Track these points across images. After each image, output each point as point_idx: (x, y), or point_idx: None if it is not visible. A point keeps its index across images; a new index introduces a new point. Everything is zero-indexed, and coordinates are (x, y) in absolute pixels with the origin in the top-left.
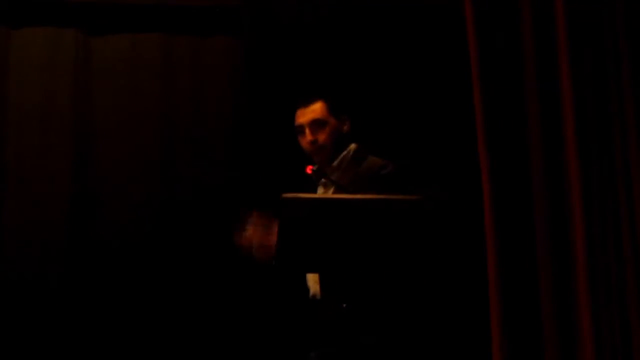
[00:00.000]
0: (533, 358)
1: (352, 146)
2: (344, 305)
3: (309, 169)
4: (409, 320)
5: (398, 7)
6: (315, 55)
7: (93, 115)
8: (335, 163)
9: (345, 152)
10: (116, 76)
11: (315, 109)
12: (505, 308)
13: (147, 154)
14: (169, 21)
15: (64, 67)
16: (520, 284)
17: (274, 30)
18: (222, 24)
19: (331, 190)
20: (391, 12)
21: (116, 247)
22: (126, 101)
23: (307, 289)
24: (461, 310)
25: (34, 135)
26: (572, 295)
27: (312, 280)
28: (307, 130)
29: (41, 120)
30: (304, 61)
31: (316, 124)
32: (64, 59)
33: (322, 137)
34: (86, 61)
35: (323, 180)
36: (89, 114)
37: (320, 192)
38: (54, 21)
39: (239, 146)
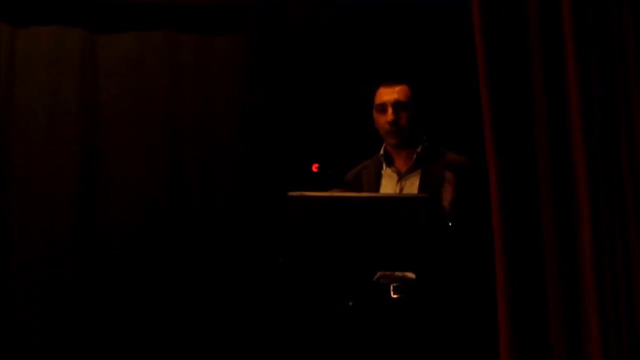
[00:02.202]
0: (540, 355)
1: (423, 137)
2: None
3: (314, 167)
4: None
5: (405, 6)
6: (323, 54)
7: (99, 113)
8: (419, 150)
9: (423, 142)
10: (122, 74)
11: (401, 91)
12: (512, 307)
13: (154, 152)
14: (175, 19)
15: (70, 65)
16: (528, 284)
17: (281, 29)
18: (229, 22)
19: (412, 179)
20: (398, 12)
21: (123, 247)
22: (132, 99)
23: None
24: (469, 306)
25: (40, 133)
26: (580, 295)
27: None
28: (390, 110)
29: (47, 118)
30: (310, 60)
31: (400, 106)
32: (69, 57)
33: (403, 119)
34: (92, 59)
35: (395, 168)
36: (95, 112)
37: (391, 181)
38: (60, 19)
39: (246, 145)
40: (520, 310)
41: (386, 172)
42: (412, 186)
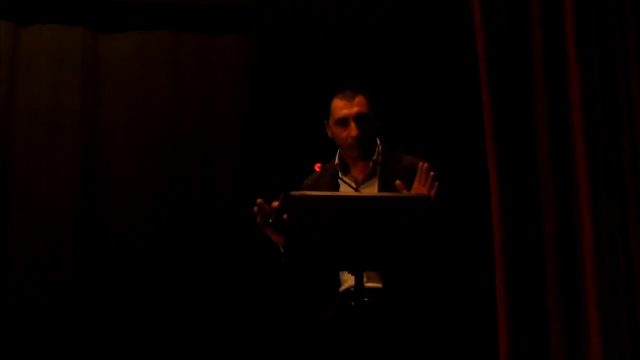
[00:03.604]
0: (539, 352)
1: (379, 141)
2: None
3: (317, 167)
4: (419, 315)
5: (408, 8)
6: (325, 55)
7: (101, 113)
8: (375, 157)
9: (378, 148)
10: (124, 74)
11: (361, 103)
12: (512, 306)
13: (156, 152)
14: (177, 19)
15: (72, 64)
16: (527, 282)
17: (283, 29)
18: (231, 22)
19: (372, 185)
20: (402, 12)
21: (124, 246)
22: (134, 99)
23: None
24: (469, 305)
25: (42, 132)
26: (580, 295)
27: (348, 275)
28: (354, 124)
29: (49, 117)
30: (313, 60)
31: (362, 118)
32: (72, 57)
33: (366, 131)
34: (94, 59)
35: (352, 176)
36: (97, 111)
37: (348, 190)
38: (62, 18)
39: (248, 144)
40: (519, 310)
41: (343, 180)
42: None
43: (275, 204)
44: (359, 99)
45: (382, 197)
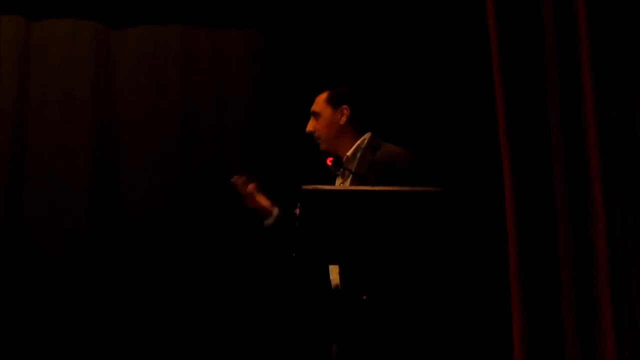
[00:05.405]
0: (554, 351)
1: (367, 135)
2: (364, 297)
3: (329, 161)
4: (428, 311)
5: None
6: (335, 47)
7: (113, 107)
8: (349, 153)
9: (359, 142)
10: (136, 68)
11: (317, 100)
12: (525, 303)
13: (167, 146)
14: (189, 13)
15: (84, 59)
16: (541, 278)
17: (295, 23)
18: (243, 15)
19: (348, 180)
20: (412, 2)
21: (135, 238)
22: (146, 93)
23: (328, 281)
24: (481, 301)
25: (55, 127)
26: (594, 293)
27: (335, 272)
28: (310, 122)
29: (62, 112)
30: (323, 53)
31: (313, 115)
32: (84, 51)
33: (316, 128)
34: (106, 53)
35: (341, 169)
36: (109, 106)
37: (338, 183)
38: (74, 13)
39: (259, 138)
40: (533, 305)
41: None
42: None
43: None
44: (319, 96)
45: (393, 192)
